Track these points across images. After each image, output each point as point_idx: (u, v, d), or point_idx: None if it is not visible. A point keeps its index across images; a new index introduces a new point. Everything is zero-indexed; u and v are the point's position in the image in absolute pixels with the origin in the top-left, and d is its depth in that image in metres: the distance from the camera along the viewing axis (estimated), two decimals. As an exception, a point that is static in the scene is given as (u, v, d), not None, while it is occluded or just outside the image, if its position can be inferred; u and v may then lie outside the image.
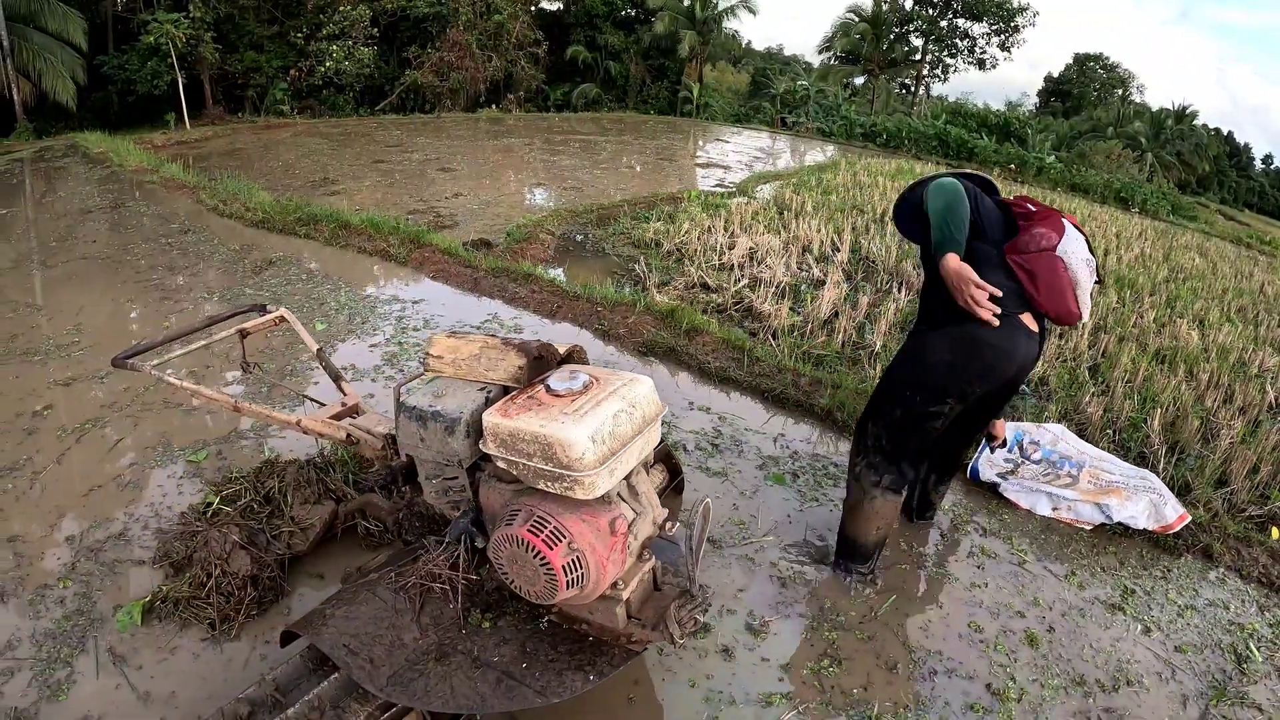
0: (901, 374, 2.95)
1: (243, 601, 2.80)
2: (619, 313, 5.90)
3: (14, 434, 4.06)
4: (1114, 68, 47.55)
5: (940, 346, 2.81)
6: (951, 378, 2.82)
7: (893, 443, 2.97)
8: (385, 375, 4.83)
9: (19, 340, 5.26)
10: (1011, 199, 2.96)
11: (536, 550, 1.95)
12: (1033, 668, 2.91)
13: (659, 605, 2.27)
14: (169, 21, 17.86)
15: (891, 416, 2.95)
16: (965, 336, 2.74)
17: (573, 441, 1.87)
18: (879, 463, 3.01)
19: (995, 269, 2.75)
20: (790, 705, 2.62)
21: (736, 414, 4.65)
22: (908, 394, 2.89)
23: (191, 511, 3.30)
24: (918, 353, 2.90)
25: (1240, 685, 2.93)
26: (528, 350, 2.21)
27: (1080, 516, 3.82)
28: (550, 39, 26.98)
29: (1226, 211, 30.76)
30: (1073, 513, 3.84)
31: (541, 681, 2.10)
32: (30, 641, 2.72)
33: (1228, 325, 7.60)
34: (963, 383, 2.83)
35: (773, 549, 3.43)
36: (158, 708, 2.48)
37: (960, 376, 2.82)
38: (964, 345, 2.76)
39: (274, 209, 8.63)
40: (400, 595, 2.33)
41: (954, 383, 2.83)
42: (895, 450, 2.99)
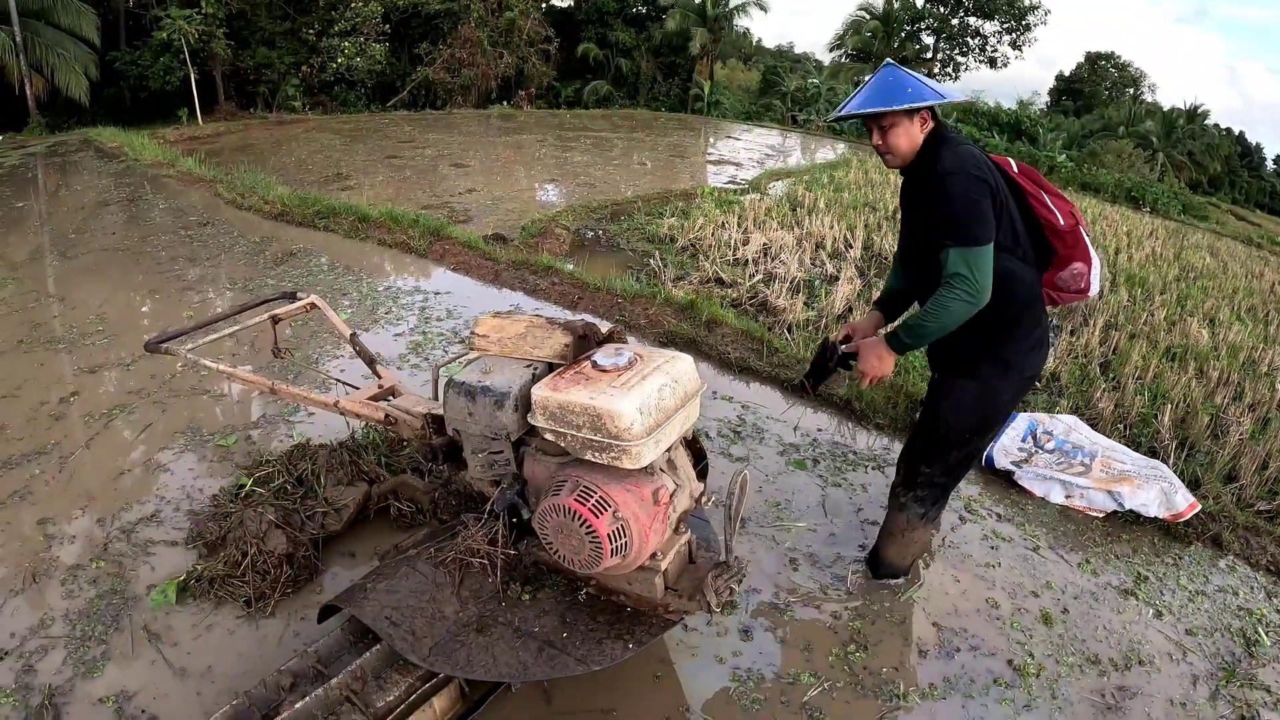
0: (961, 422, 2.85)
1: (278, 579, 2.84)
2: (639, 304, 5.94)
3: (41, 419, 4.10)
4: (1125, 66, 47.45)
5: (1004, 388, 2.82)
6: (1006, 411, 2.96)
7: (948, 479, 3.02)
8: (411, 363, 4.88)
9: (43, 329, 5.32)
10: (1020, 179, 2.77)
11: (583, 519, 2.00)
12: (1048, 645, 2.95)
13: (695, 576, 2.32)
14: (181, 17, 17.91)
15: (948, 460, 2.94)
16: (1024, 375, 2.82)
17: (621, 412, 1.91)
18: (928, 496, 3.02)
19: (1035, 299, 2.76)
20: (817, 683, 2.65)
21: (757, 402, 4.69)
22: (968, 438, 2.89)
23: (224, 493, 3.36)
24: (982, 399, 2.82)
25: (1249, 668, 2.97)
26: (573, 329, 2.26)
27: (1093, 504, 3.85)
28: (561, 36, 27.05)
29: (1238, 211, 30.61)
30: (1085, 500, 3.87)
31: (582, 650, 2.14)
32: (64, 620, 2.76)
33: (1238, 324, 7.62)
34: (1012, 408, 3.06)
35: (795, 531, 3.47)
36: (194, 683, 2.52)
37: (1013, 406, 3.03)
38: (1023, 382, 2.85)
39: (293, 202, 8.69)
40: (440, 570, 2.37)
41: (1007, 413, 3.03)
42: (949, 485, 3.05)
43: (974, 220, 2.48)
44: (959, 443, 2.89)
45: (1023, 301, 2.69)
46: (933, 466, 2.96)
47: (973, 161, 2.57)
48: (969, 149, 2.63)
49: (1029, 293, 2.71)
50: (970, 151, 2.62)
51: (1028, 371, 2.81)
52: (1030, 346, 2.77)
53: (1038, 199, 2.72)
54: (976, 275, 2.47)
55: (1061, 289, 2.84)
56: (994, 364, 2.76)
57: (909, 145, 2.65)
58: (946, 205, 2.51)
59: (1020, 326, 2.72)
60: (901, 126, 2.62)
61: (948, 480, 3.01)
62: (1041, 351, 2.83)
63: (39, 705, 2.41)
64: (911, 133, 2.63)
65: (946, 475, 2.99)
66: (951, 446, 2.90)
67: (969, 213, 2.48)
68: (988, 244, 2.48)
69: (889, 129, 2.62)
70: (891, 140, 2.64)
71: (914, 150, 2.66)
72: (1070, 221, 2.72)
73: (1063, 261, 2.77)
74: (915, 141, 2.65)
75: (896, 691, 2.66)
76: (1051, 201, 2.72)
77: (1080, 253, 2.76)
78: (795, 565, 3.25)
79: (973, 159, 2.58)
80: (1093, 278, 2.79)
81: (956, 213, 2.49)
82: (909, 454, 3.05)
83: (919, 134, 2.64)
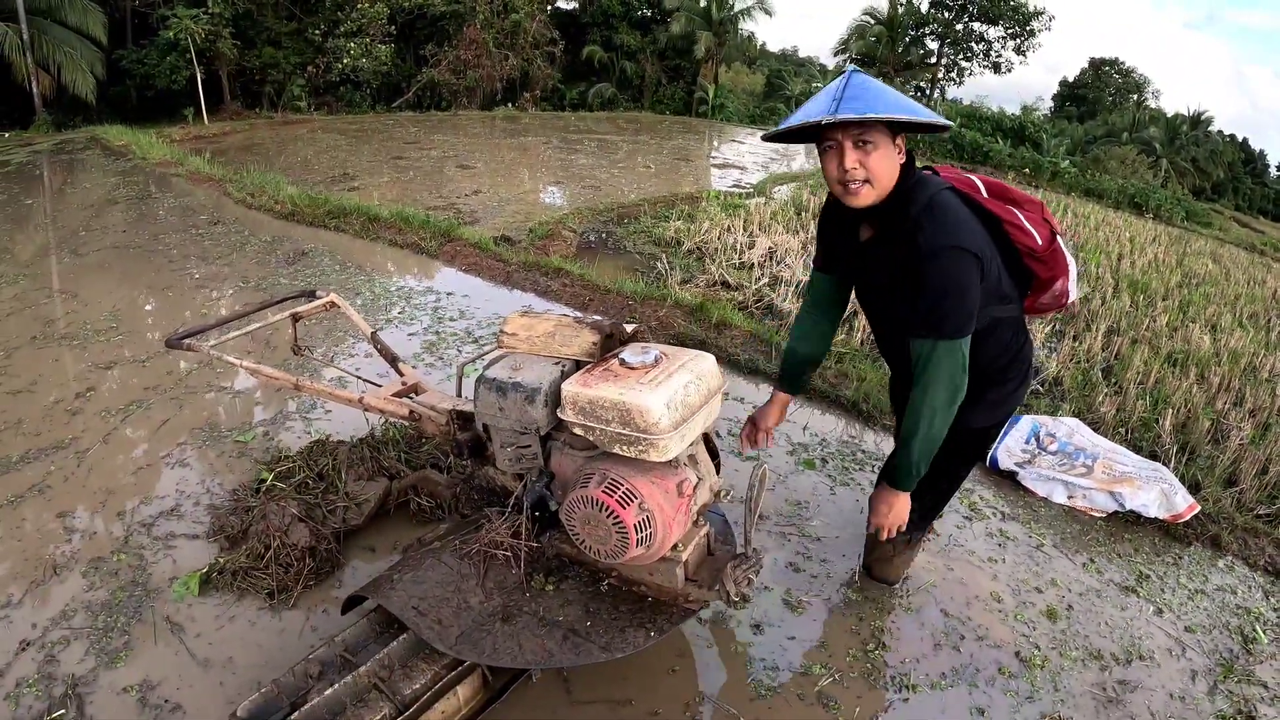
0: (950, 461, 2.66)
1: (301, 572, 2.89)
2: (649, 306, 5.99)
3: (58, 415, 4.14)
4: (1130, 72, 47.60)
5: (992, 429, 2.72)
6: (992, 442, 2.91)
7: (937, 504, 2.97)
8: (425, 362, 4.92)
9: (56, 325, 5.36)
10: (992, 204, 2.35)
11: (610, 510, 2.05)
12: (1051, 639, 3.00)
13: (714, 567, 2.38)
14: (188, 17, 17.99)
15: (939, 490, 2.87)
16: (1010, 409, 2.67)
17: (650, 407, 1.96)
18: (918, 522, 2.93)
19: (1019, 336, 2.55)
20: (829, 674, 2.70)
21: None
22: (956, 472, 2.85)
23: (244, 488, 3.40)
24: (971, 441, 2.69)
25: (1247, 664, 3.02)
26: (600, 328, 2.31)
27: (1094, 504, 3.91)
28: (566, 38, 27.14)
29: (1241, 218, 30.69)
30: (1088, 500, 3.92)
31: (605, 638, 2.19)
32: (86, 612, 2.79)
33: (1240, 330, 7.66)
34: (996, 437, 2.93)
35: (805, 528, 3.52)
36: (216, 673, 2.56)
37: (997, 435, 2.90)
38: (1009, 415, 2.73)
39: (303, 201, 8.74)
40: (465, 561, 2.41)
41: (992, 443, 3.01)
42: (937, 508, 3.01)
43: (960, 312, 2.14)
44: (946, 476, 2.83)
45: (1009, 344, 2.51)
46: (922, 500, 2.79)
47: (962, 228, 2.15)
48: (950, 201, 2.19)
49: (1015, 333, 2.52)
50: (954, 210, 2.18)
51: (1014, 405, 2.69)
52: (1017, 384, 2.63)
53: (1013, 223, 2.33)
54: (960, 370, 2.20)
55: (1042, 307, 2.58)
56: (983, 408, 2.57)
57: (888, 175, 2.13)
58: (930, 295, 2.13)
59: (1009, 371, 2.56)
60: (884, 149, 2.09)
61: (937, 505, 2.97)
62: (1027, 384, 2.70)
63: (62, 695, 2.45)
64: (895, 158, 2.14)
65: (936, 504, 2.96)
66: (940, 480, 2.80)
67: (956, 306, 2.13)
68: (968, 335, 2.18)
69: (873, 149, 2.08)
70: (875, 164, 2.09)
71: (892, 179, 2.15)
72: (1047, 238, 2.37)
73: (1044, 285, 2.48)
74: (894, 168, 2.14)
75: (906, 682, 2.71)
76: (1025, 218, 2.35)
77: (1059, 266, 2.44)
78: (806, 561, 3.30)
79: (959, 223, 2.15)
80: (1070, 287, 2.50)
81: (943, 306, 2.13)
82: None
83: (896, 160, 2.15)
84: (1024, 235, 2.33)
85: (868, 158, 2.07)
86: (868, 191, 2.12)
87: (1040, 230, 2.35)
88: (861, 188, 2.11)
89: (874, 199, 2.15)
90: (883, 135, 2.07)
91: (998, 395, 2.56)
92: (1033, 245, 2.35)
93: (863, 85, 2.02)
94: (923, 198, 2.15)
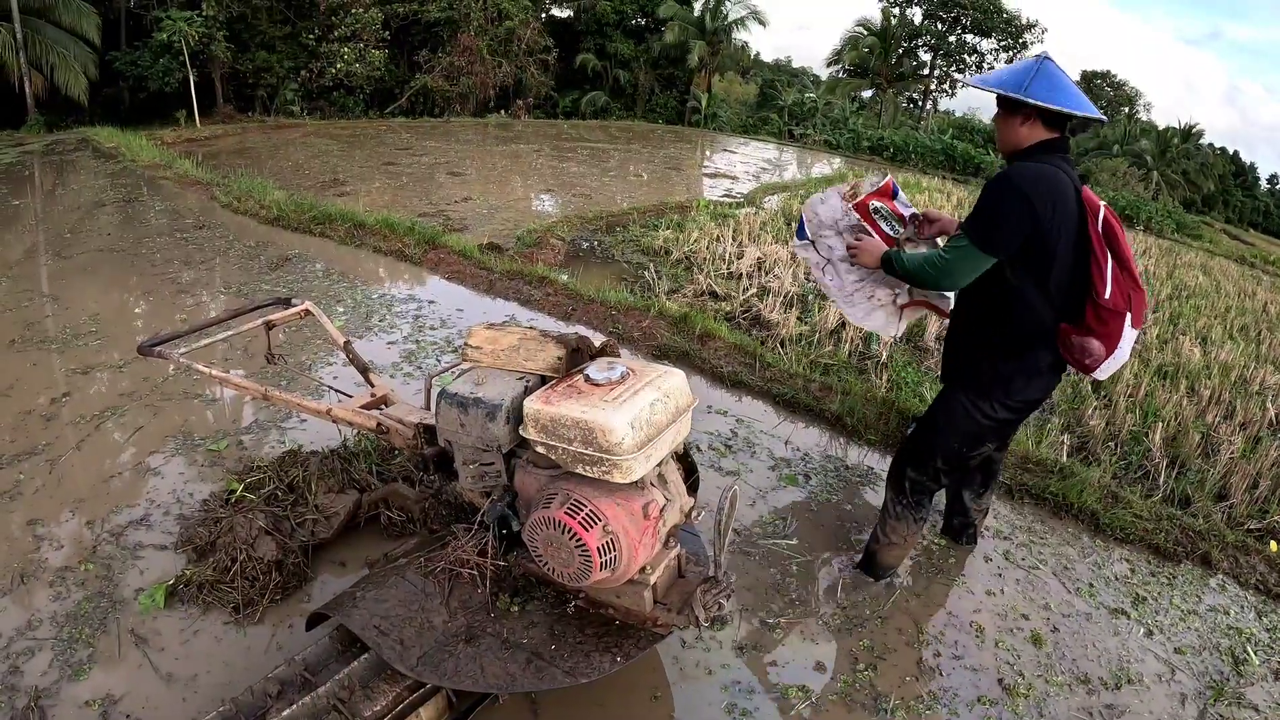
0: (950, 430, 2.93)
1: (267, 586, 2.84)
2: (633, 317, 5.95)
3: (33, 420, 4.09)
4: (1121, 85, 47.81)
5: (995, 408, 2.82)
6: (999, 431, 3.00)
7: (934, 481, 3.08)
8: (404, 372, 4.88)
9: (35, 329, 5.30)
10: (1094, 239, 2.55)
11: (573, 532, 2.01)
12: (1037, 665, 2.97)
13: (684, 590, 2.33)
14: (182, 19, 17.95)
15: (934, 465, 3.02)
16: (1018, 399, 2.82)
17: (613, 427, 1.92)
18: (912, 501, 3.11)
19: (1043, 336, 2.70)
20: (806, 698, 2.66)
21: (749, 417, 4.70)
22: (955, 445, 2.96)
23: (214, 498, 3.35)
24: (971, 414, 2.85)
25: (1237, 686, 3.00)
26: (566, 342, 2.27)
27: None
28: (560, 46, 27.16)
29: (1231, 230, 30.86)
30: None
31: (570, 663, 2.14)
32: (51, 622, 2.75)
33: (1230, 343, 7.67)
34: (1008, 430, 3.12)
35: (786, 546, 3.47)
36: (179, 689, 2.51)
37: (1009, 429, 3.10)
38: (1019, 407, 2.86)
39: (289, 207, 8.69)
40: (429, 580, 2.37)
41: (1000, 433, 3.05)
42: (932, 488, 3.11)
43: (988, 223, 2.54)
44: (945, 452, 2.97)
45: (1028, 333, 2.67)
46: (918, 470, 3.05)
47: (1032, 177, 2.51)
48: (1045, 168, 2.53)
49: (1037, 327, 2.66)
50: (1042, 170, 2.53)
51: (1022, 396, 2.80)
52: (1029, 374, 2.75)
53: (1098, 258, 2.52)
54: (955, 264, 2.60)
55: (1069, 350, 2.68)
56: (987, 382, 2.78)
57: (1006, 139, 2.65)
58: (981, 199, 2.58)
59: (1021, 355, 2.71)
60: (1002, 118, 2.63)
61: (931, 484, 3.08)
62: (1042, 380, 2.79)
63: (25, 707, 2.40)
64: (1010, 128, 2.62)
65: (934, 478, 3.06)
66: (937, 453, 2.99)
67: (989, 214, 2.54)
68: (984, 251, 2.55)
69: (999, 117, 2.65)
70: (997, 131, 2.69)
71: (1013, 149, 2.63)
72: (1117, 301, 2.52)
73: (1085, 330, 2.59)
74: (1014, 140, 2.62)
75: (885, 705, 2.67)
76: (1112, 272, 2.51)
77: (1106, 334, 2.57)
78: (785, 580, 3.26)
79: (1034, 176, 2.51)
80: (1105, 364, 2.62)
81: (980, 207, 2.57)
82: (898, 460, 3.15)
83: (1021, 135, 2.60)
84: (1098, 276, 2.53)
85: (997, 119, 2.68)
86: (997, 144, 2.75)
87: (1120, 286, 2.52)
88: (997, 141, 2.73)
89: (1002, 152, 2.72)
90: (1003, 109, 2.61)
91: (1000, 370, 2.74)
92: (1099, 288, 2.53)
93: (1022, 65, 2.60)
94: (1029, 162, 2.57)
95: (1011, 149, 2.64)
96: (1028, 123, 2.57)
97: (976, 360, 2.81)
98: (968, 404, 2.85)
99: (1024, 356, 2.72)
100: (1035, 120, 2.56)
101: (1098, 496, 4.03)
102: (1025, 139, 2.59)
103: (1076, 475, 4.17)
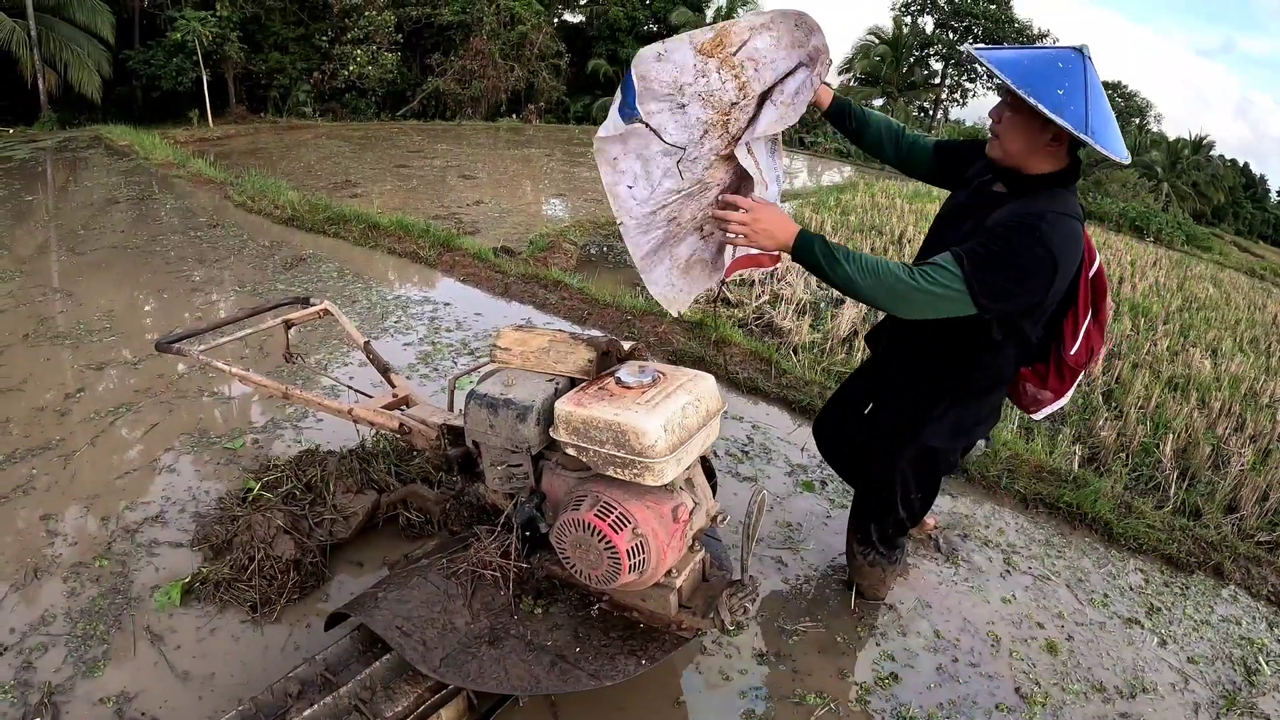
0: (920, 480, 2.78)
1: (285, 585, 2.82)
2: (648, 321, 5.94)
3: (46, 415, 4.09)
4: (1132, 96, 47.73)
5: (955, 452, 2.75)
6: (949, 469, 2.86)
7: (912, 521, 2.93)
8: (420, 373, 4.87)
9: (49, 324, 5.31)
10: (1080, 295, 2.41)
11: (602, 534, 1.99)
12: (1053, 673, 2.94)
13: (709, 594, 2.31)
14: (196, 19, 18.06)
15: (894, 517, 2.87)
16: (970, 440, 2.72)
17: (646, 429, 1.91)
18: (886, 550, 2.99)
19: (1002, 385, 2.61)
20: (824, 703, 2.63)
21: (766, 422, 4.68)
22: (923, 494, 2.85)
23: (231, 497, 3.33)
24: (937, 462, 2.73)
25: (1250, 696, 2.98)
26: (597, 345, 2.26)
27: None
28: (572, 51, 27.25)
29: (1241, 243, 30.84)
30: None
31: (594, 665, 2.13)
32: (65, 618, 2.73)
33: (1240, 355, 7.67)
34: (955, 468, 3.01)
35: (803, 552, 3.46)
36: (195, 687, 2.49)
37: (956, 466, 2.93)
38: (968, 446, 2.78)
39: (303, 207, 8.71)
40: (451, 581, 2.35)
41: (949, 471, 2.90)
42: (904, 531, 2.98)
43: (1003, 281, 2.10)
44: (905, 502, 2.83)
45: (992, 380, 2.54)
46: (883, 524, 2.91)
47: (1066, 241, 2.12)
48: (1077, 227, 2.17)
49: (1001, 376, 2.54)
50: (1075, 232, 2.16)
51: (979, 435, 2.71)
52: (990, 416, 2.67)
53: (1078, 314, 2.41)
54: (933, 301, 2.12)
55: (1019, 395, 2.67)
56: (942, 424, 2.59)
57: (1019, 150, 2.16)
58: (999, 243, 2.10)
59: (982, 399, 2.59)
60: (1024, 125, 2.11)
61: (912, 522, 2.94)
62: (995, 418, 2.71)
63: (38, 703, 2.38)
64: (1032, 142, 2.12)
65: (897, 529, 2.94)
66: (898, 506, 2.83)
67: (1006, 272, 2.09)
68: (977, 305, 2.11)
69: (1014, 112, 2.13)
70: (1007, 128, 2.16)
71: (1022, 163, 2.18)
72: (1080, 359, 2.47)
73: (1038, 378, 2.57)
74: (1032, 157, 2.16)
75: (906, 713, 2.65)
76: (1084, 328, 2.43)
77: (1059, 387, 2.57)
78: (803, 586, 3.24)
79: (1070, 239, 2.13)
80: (1046, 409, 2.66)
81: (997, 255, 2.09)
82: (860, 516, 2.98)
83: (1043, 154, 2.15)
84: (1070, 331, 2.45)
85: (1004, 120, 2.17)
86: (994, 145, 2.23)
87: (1085, 344, 2.46)
88: (993, 139, 2.23)
89: (998, 156, 2.23)
90: (1027, 113, 2.05)
91: (958, 415, 2.58)
92: (1067, 345, 2.47)
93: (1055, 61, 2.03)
94: (1055, 204, 2.15)
95: (1022, 164, 2.19)
96: (1055, 141, 2.11)
97: (931, 405, 2.57)
98: (940, 451, 2.67)
99: (984, 399, 2.60)
100: (1064, 143, 2.12)
101: (1111, 506, 4.01)
102: (1043, 161, 2.17)
103: (1090, 485, 4.15)
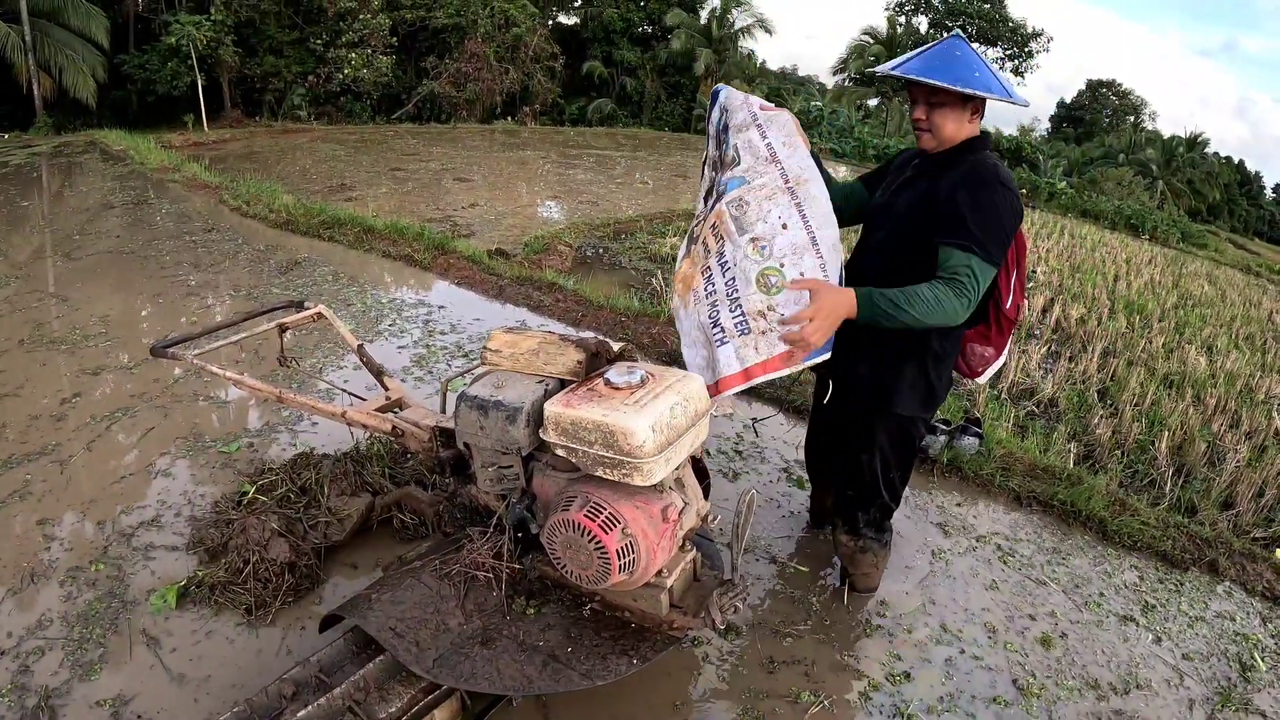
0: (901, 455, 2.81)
1: (279, 588, 2.83)
2: (642, 323, 5.95)
3: (43, 420, 4.10)
4: (1127, 94, 47.88)
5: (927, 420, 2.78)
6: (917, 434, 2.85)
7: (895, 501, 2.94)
8: (415, 376, 4.88)
9: (45, 329, 5.32)
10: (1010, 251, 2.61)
11: (592, 534, 2.00)
12: (1047, 669, 2.95)
13: (700, 593, 2.33)
14: (190, 23, 18.08)
15: (879, 502, 2.89)
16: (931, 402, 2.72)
17: (634, 430, 1.92)
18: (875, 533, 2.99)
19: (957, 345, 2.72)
20: (818, 701, 2.64)
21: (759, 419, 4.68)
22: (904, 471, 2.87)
23: (226, 500, 3.34)
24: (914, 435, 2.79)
25: (1245, 692, 2.98)
26: (586, 346, 2.27)
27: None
28: (567, 53, 27.26)
29: (1236, 240, 30.94)
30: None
31: (587, 665, 2.14)
32: (62, 622, 2.74)
33: (1235, 352, 7.70)
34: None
35: (793, 548, 3.47)
36: (191, 689, 2.50)
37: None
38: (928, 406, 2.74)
39: (298, 211, 8.73)
40: (444, 582, 2.37)
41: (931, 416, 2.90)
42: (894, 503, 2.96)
43: (1000, 240, 2.34)
44: (886, 483, 2.84)
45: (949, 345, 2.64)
46: (869, 511, 2.91)
47: (1009, 174, 2.43)
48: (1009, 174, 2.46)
49: (955, 340, 2.66)
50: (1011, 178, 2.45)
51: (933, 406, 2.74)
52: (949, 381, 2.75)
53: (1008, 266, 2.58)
54: (977, 287, 2.30)
55: (965, 356, 2.79)
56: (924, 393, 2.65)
57: (951, 133, 2.43)
58: (982, 211, 2.32)
59: (946, 361, 2.66)
60: (952, 110, 2.39)
61: (887, 512, 2.96)
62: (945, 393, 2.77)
63: (35, 706, 2.39)
64: (959, 121, 2.42)
65: (883, 513, 2.94)
66: (881, 489, 2.84)
67: (1000, 232, 2.34)
68: (994, 270, 2.36)
69: (938, 107, 2.39)
70: (938, 120, 2.41)
71: (955, 141, 2.45)
72: (1014, 311, 2.67)
73: (980, 336, 2.73)
74: (961, 133, 2.44)
75: (904, 711, 2.66)
76: (1015, 282, 2.63)
77: (999, 342, 2.75)
78: (794, 584, 3.24)
79: (1009, 172, 2.45)
80: (991, 367, 2.80)
81: (990, 224, 2.32)
82: (844, 508, 2.99)
83: (968, 126, 2.44)
84: (1004, 284, 2.60)
85: (933, 113, 2.41)
86: (929, 139, 2.48)
87: (1015, 299, 2.66)
88: (924, 135, 2.48)
89: (935, 147, 2.49)
90: (953, 98, 2.37)
91: (926, 382, 2.64)
92: (1003, 299, 2.63)
93: (949, 51, 2.37)
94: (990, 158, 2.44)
95: (952, 142, 2.45)
96: (974, 114, 2.43)
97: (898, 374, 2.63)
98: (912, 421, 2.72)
99: (943, 363, 2.66)
100: (980, 112, 2.45)
101: (1106, 504, 4.02)
102: (970, 132, 2.46)
103: (1084, 483, 4.16)
